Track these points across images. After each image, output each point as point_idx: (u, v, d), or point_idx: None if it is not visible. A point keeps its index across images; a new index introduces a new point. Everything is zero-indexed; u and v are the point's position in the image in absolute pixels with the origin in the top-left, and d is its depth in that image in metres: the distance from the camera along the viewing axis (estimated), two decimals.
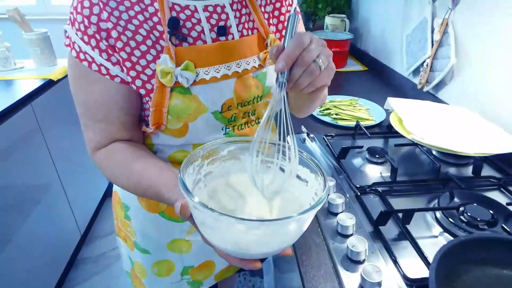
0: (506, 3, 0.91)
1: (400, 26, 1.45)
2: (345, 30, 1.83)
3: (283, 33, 0.53)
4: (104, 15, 0.52)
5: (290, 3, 0.68)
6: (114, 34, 0.53)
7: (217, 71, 0.59)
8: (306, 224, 0.44)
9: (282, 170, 0.51)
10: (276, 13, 0.66)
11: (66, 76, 1.67)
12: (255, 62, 0.63)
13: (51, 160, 1.57)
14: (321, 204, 0.40)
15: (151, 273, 0.80)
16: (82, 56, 0.55)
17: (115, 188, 0.79)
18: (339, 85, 1.47)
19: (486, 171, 0.86)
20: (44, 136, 1.51)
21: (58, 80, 1.59)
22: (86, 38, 0.54)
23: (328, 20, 1.85)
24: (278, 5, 0.66)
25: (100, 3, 0.52)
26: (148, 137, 0.66)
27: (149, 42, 0.55)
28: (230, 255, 0.46)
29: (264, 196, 0.49)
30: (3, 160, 1.27)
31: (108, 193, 2.30)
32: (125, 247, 0.84)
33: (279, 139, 0.49)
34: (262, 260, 0.46)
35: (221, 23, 0.59)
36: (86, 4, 0.52)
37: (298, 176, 0.50)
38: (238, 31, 0.61)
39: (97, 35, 0.53)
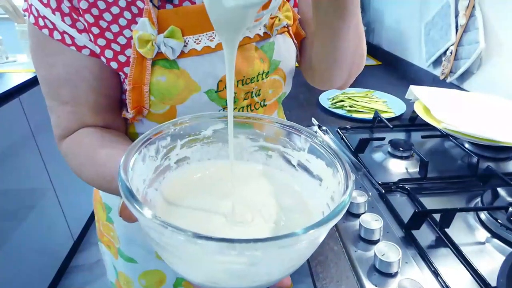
0: None
1: (418, 14, 1.34)
2: None
3: None
4: None
5: None
6: None
7: (211, 39, 0.47)
8: (315, 243, 0.29)
9: (288, 161, 0.38)
10: None
11: None
12: (259, 30, 0.52)
13: (43, 163, 1.48)
14: (340, 214, 0.26)
15: (138, 285, 0.68)
16: (41, 22, 0.44)
17: None
18: None
19: None
20: (36, 138, 1.41)
21: None
22: None
23: None
24: None
25: None
26: (131, 125, 0.55)
27: (122, 3, 0.44)
28: None
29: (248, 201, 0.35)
30: None
31: None
32: (109, 254, 0.72)
33: None
34: None
35: None
36: None
37: (308, 171, 0.36)
38: None
39: None
